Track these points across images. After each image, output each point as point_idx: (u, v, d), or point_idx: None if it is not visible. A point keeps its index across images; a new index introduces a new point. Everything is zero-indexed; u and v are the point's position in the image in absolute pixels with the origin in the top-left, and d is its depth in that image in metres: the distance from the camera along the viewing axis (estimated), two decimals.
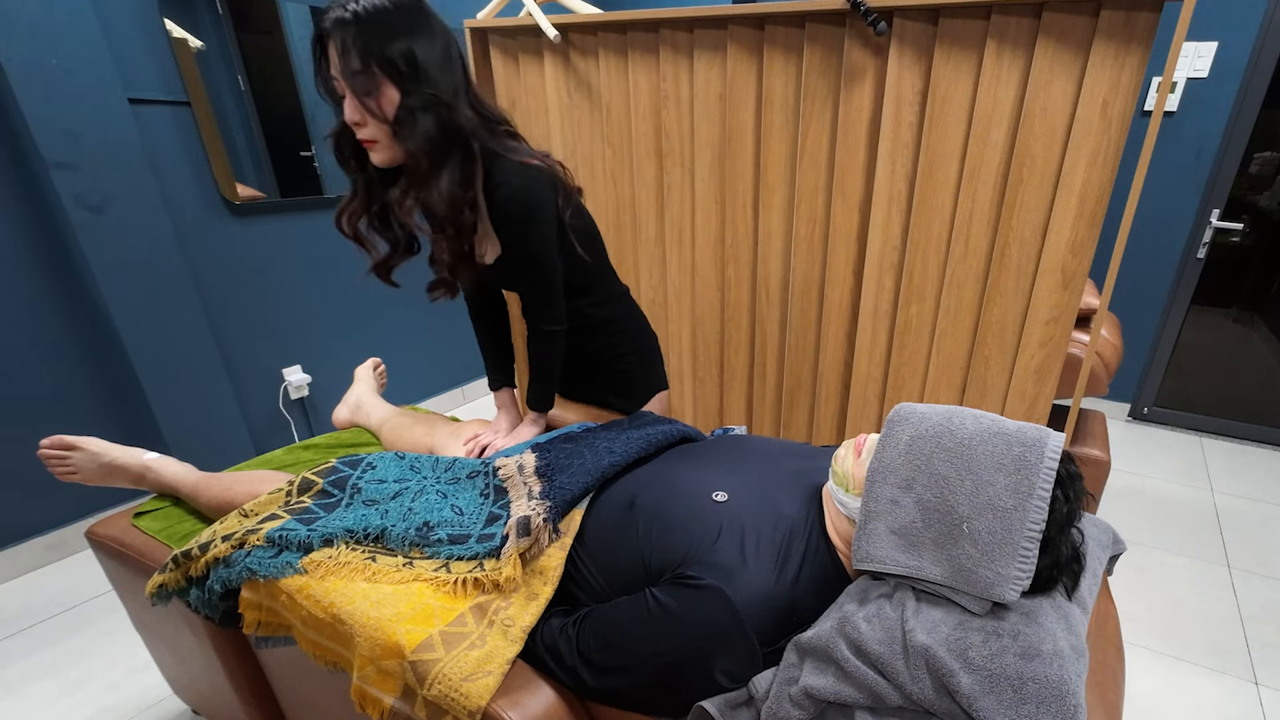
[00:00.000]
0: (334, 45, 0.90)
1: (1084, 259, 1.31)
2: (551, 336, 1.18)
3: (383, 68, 0.90)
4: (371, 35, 0.89)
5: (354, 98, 0.92)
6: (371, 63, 0.90)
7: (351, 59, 0.89)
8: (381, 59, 0.90)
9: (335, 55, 0.90)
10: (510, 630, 0.79)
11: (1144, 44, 1.14)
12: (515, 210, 1.04)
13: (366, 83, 0.91)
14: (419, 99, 0.93)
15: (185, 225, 1.98)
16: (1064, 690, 0.58)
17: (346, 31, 0.88)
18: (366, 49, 0.89)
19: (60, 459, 1.17)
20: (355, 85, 0.91)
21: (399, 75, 0.91)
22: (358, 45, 0.88)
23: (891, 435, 0.73)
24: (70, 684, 1.52)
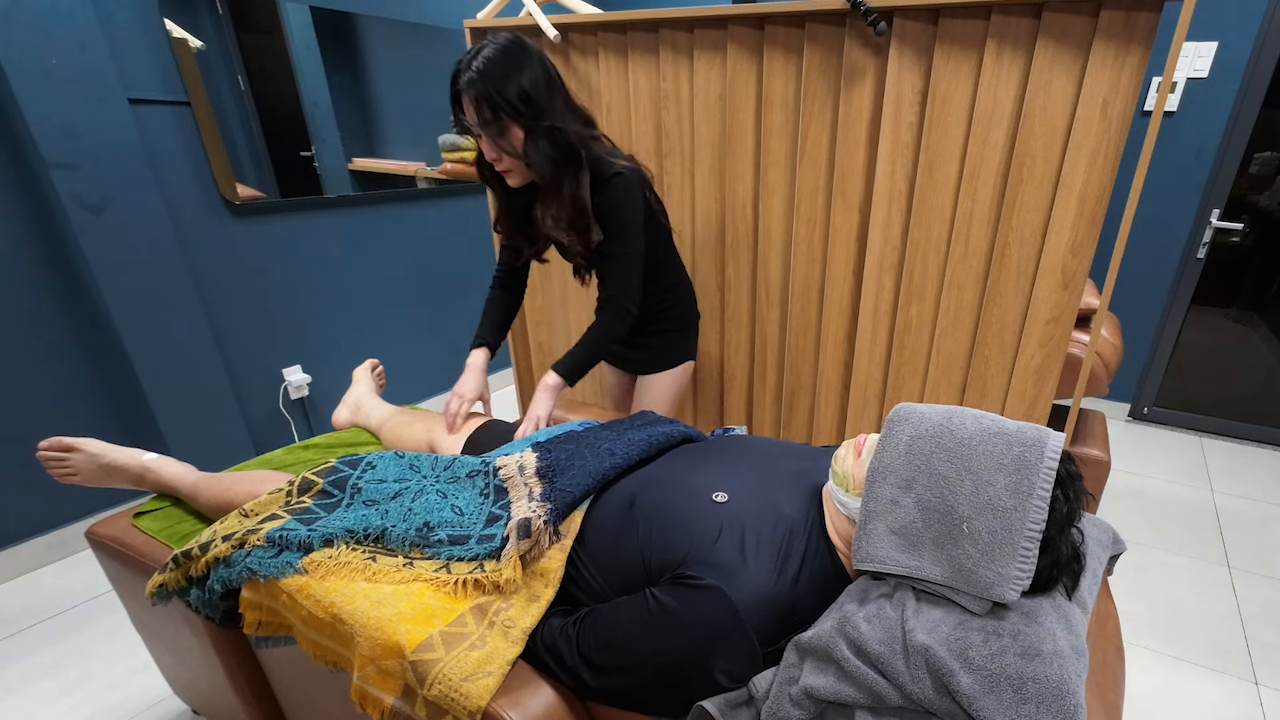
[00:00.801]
0: (468, 101, 1.11)
1: (1084, 259, 1.31)
2: (626, 314, 1.32)
3: (507, 114, 1.11)
4: (493, 87, 1.08)
5: (490, 141, 1.15)
6: (499, 112, 1.10)
7: (484, 112, 1.11)
8: (505, 106, 1.10)
9: (470, 109, 1.12)
10: (511, 631, 0.79)
11: (1144, 44, 1.14)
12: (620, 203, 1.24)
13: (498, 128, 1.13)
14: (539, 130, 1.14)
15: (185, 225, 1.98)
16: (1064, 690, 0.58)
17: (476, 89, 1.09)
18: (493, 102, 1.09)
19: (59, 460, 1.17)
20: (489, 131, 1.13)
21: (520, 115, 1.12)
22: (486, 99, 1.09)
23: (891, 435, 0.73)
24: (70, 684, 1.52)
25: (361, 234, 2.48)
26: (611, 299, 1.31)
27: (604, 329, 1.32)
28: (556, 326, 2.05)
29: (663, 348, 1.52)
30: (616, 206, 1.24)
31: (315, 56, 2.19)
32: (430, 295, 2.80)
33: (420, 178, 2.63)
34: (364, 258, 2.51)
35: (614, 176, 1.22)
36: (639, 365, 1.55)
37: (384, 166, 2.50)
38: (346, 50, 2.29)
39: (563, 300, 2.00)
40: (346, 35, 2.28)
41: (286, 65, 2.13)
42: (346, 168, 2.37)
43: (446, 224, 2.79)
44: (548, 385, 1.29)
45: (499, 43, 1.11)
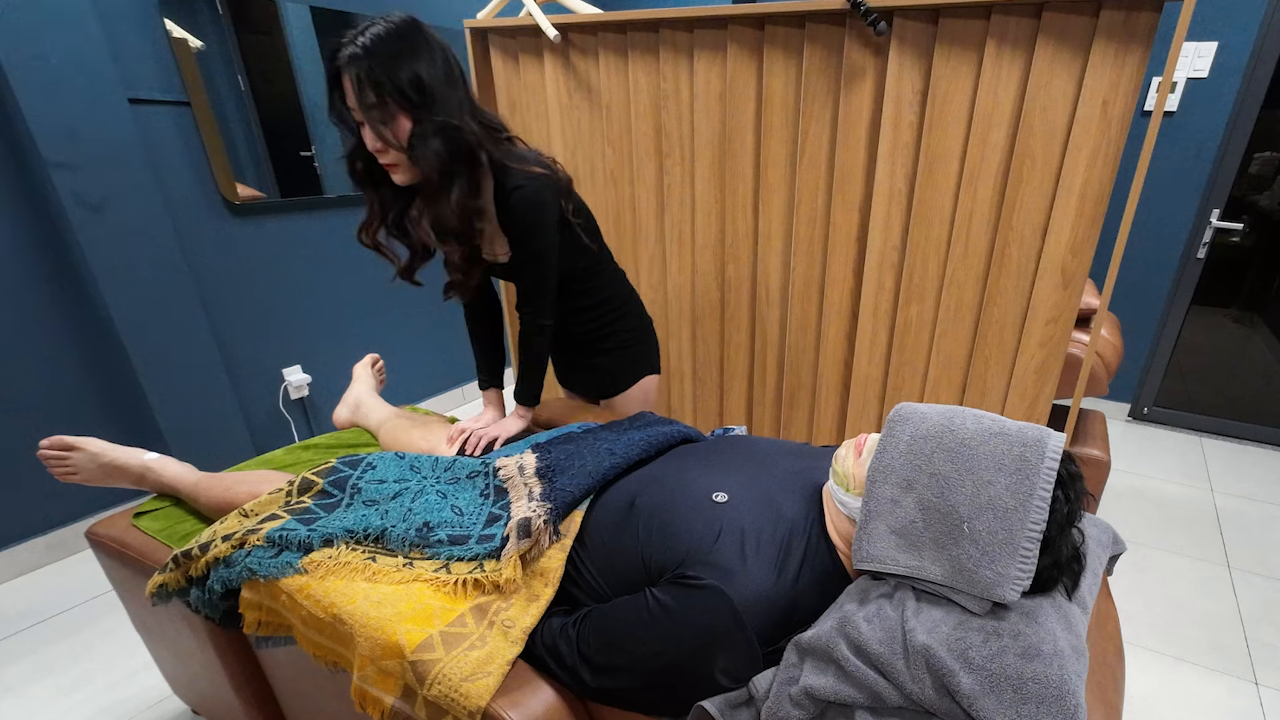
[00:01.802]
0: (348, 80, 0.97)
1: (1084, 259, 1.31)
2: (542, 330, 1.25)
3: (394, 99, 0.97)
4: (381, 67, 0.95)
5: (372, 128, 1.00)
6: (385, 95, 0.97)
7: (366, 93, 0.96)
8: (393, 90, 0.97)
9: (350, 89, 0.98)
10: (511, 631, 0.79)
11: (1144, 44, 1.14)
12: (525, 215, 1.13)
13: (382, 114, 0.99)
14: (430, 125, 1.00)
15: (185, 225, 1.98)
16: (1064, 690, 0.58)
17: (359, 66, 0.95)
18: (378, 82, 0.96)
19: (60, 459, 1.17)
20: (371, 117, 0.99)
21: (410, 104, 0.99)
22: (370, 79, 0.95)
23: (892, 435, 0.73)
24: (70, 684, 1.52)
25: None
26: (523, 316, 1.25)
27: (528, 347, 1.28)
28: None
29: (616, 367, 1.43)
30: (518, 220, 1.14)
31: (315, 56, 2.19)
32: (430, 295, 2.80)
33: None
34: (364, 258, 2.51)
35: (515, 189, 1.11)
36: (597, 390, 1.47)
37: None
38: None
39: None
40: None
41: (286, 65, 2.13)
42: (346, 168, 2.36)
43: None
44: (518, 414, 1.32)
45: (393, 21, 0.98)
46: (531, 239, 1.16)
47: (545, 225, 1.16)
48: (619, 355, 1.42)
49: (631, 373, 1.44)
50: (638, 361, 1.44)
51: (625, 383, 1.44)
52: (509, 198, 1.12)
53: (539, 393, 1.32)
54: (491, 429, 1.28)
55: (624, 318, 1.40)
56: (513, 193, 1.11)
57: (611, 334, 1.39)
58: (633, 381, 1.44)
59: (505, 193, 1.12)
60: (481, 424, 1.31)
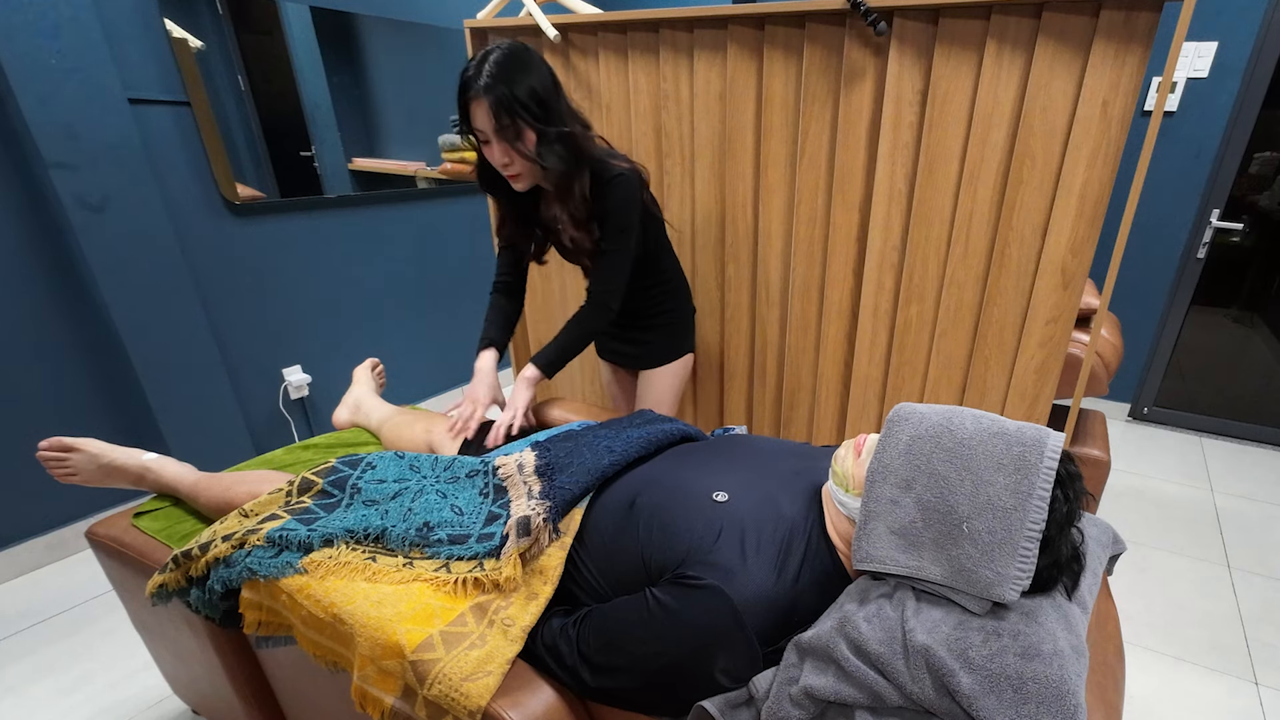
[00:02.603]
0: (482, 107, 1.10)
1: (1084, 259, 1.31)
2: (608, 312, 1.34)
3: (523, 117, 1.11)
4: (508, 90, 1.08)
5: (504, 145, 1.14)
6: (516, 117, 1.10)
7: (501, 118, 1.10)
8: (521, 109, 1.10)
9: (484, 115, 1.11)
10: (510, 630, 0.79)
11: (1144, 44, 1.14)
12: (622, 204, 1.27)
13: (514, 132, 1.12)
14: (552, 134, 1.15)
15: (185, 225, 1.98)
16: (1064, 690, 0.58)
17: (493, 95, 1.08)
18: (509, 107, 1.09)
19: (59, 460, 1.17)
20: (505, 137, 1.13)
21: (534, 118, 1.12)
22: (503, 104, 1.09)
23: (891, 435, 0.73)
24: (70, 684, 1.52)
25: (361, 234, 2.48)
26: (595, 295, 1.33)
27: (583, 323, 1.35)
28: (556, 325, 2.05)
29: (662, 341, 1.54)
30: (615, 207, 1.26)
31: (315, 56, 2.19)
32: (430, 295, 2.80)
33: (420, 178, 2.63)
34: (364, 258, 2.51)
35: (615, 178, 1.24)
36: (639, 360, 1.57)
37: (384, 166, 2.50)
38: (346, 50, 2.29)
39: (562, 300, 2.00)
40: (346, 35, 2.28)
41: (286, 65, 2.13)
42: (346, 168, 2.37)
43: (446, 224, 2.79)
44: (526, 378, 1.32)
45: (505, 48, 1.11)
46: (623, 225, 1.28)
47: (634, 213, 1.29)
48: (665, 331, 1.54)
49: (674, 349, 1.56)
50: (681, 340, 1.57)
51: (667, 357, 1.55)
52: (607, 186, 1.24)
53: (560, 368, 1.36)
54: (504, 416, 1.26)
55: (676, 298, 1.52)
56: (611, 181, 1.24)
57: (661, 312, 1.51)
58: (675, 357, 1.56)
59: (603, 182, 1.24)
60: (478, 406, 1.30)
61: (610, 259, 1.31)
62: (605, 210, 1.26)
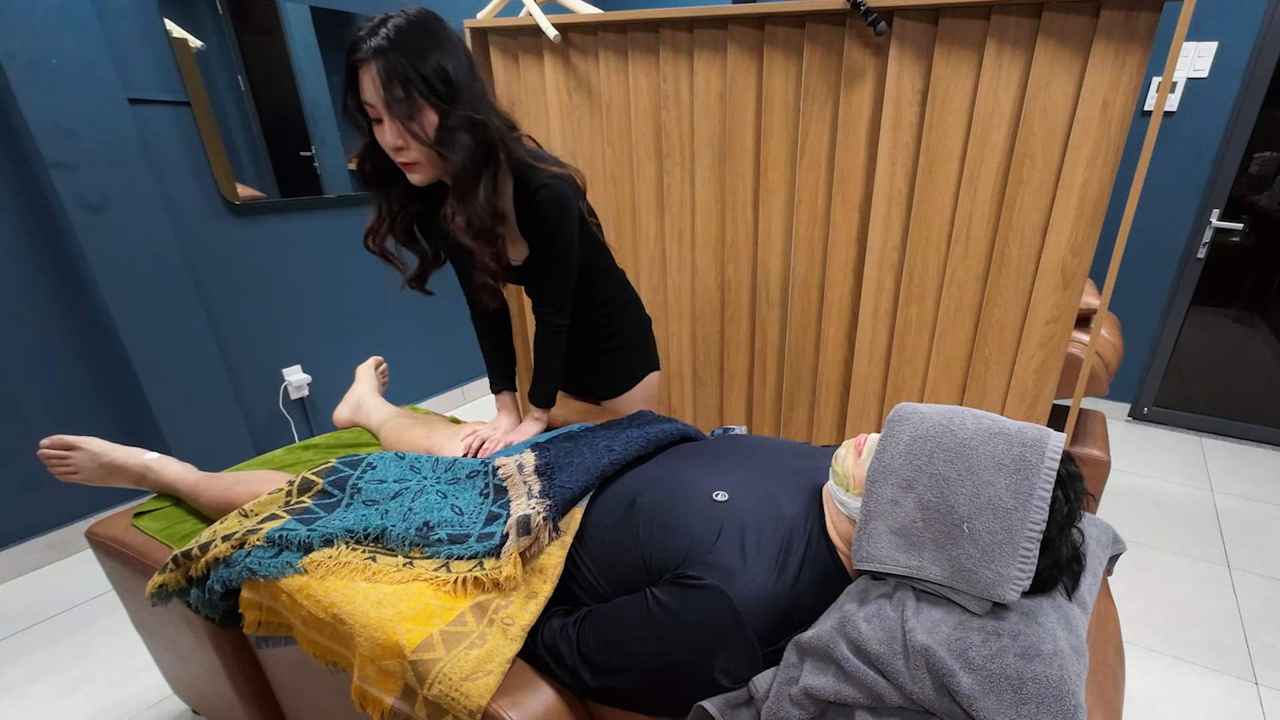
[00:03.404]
0: (370, 74, 0.92)
1: (1084, 259, 1.31)
2: (560, 330, 1.24)
3: (422, 91, 0.93)
4: (408, 59, 0.91)
5: (397, 123, 0.95)
6: (411, 88, 0.92)
7: (394, 87, 0.92)
8: (420, 82, 0.92)
9: (372, 83, 0.93)
10: (510, 629, 0.79)
11: (1144, 44, 1.14)
12: (551, 214, 1.11)
13: (408, 108, 0.94)
14: (457, 118, 0.96)
15: (185, 225, 1.98)
16: (1064, 690, 0.58)
17: (385, 59, 0.91)
18: (405, 75, 0.91)
19: (60, 459, 1.17)
20: (397, 111, 0.94)
21: (437, 96, 0.94)
22: (398, 72, 0.91)
23: (892, 435, 0.73)
24: (70, 684, 1.52)
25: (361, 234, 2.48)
26: (541, 316, 1.23)
27: (546, 349, 1.26)
28: None
29: (619, 366, 1.42)
30: (544, 220, 1.11)
31: (315, 56, 2.19)
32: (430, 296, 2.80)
33: None
34: (364, 258, 2.51)
35: (540, 188, 1.08)
36: (599, 390, 1.46)
37: None
38: None
39: None
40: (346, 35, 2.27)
41: (286, 65, 2.13)
42: (346, 168, 2.37)
43: None
44: (535, 419, 1.31)
45: (413, 14, 0.94)
46: (556, 239, 1.14)
47: (569, 225, 1.14)
48: (622, 354, 1.41)
49: (636, 370, 1.44)
50: (640, 359, 1.44)
51: (630, 381, 1.43)
52: (534, 196, 1.09)
53: (555, 394, 1.31)
54: (509, 436, 1.27)
55: (627, 315, 1.40)
56: (538, 191, 1.08)
57: (616, 332, 1.39)
58: (638, 379, 1.44)
59: (530, 192, 1.09)
60: (498, 431, 1.28)
61: (545, 278, 1.19)
62: (536, 222, 1.12)
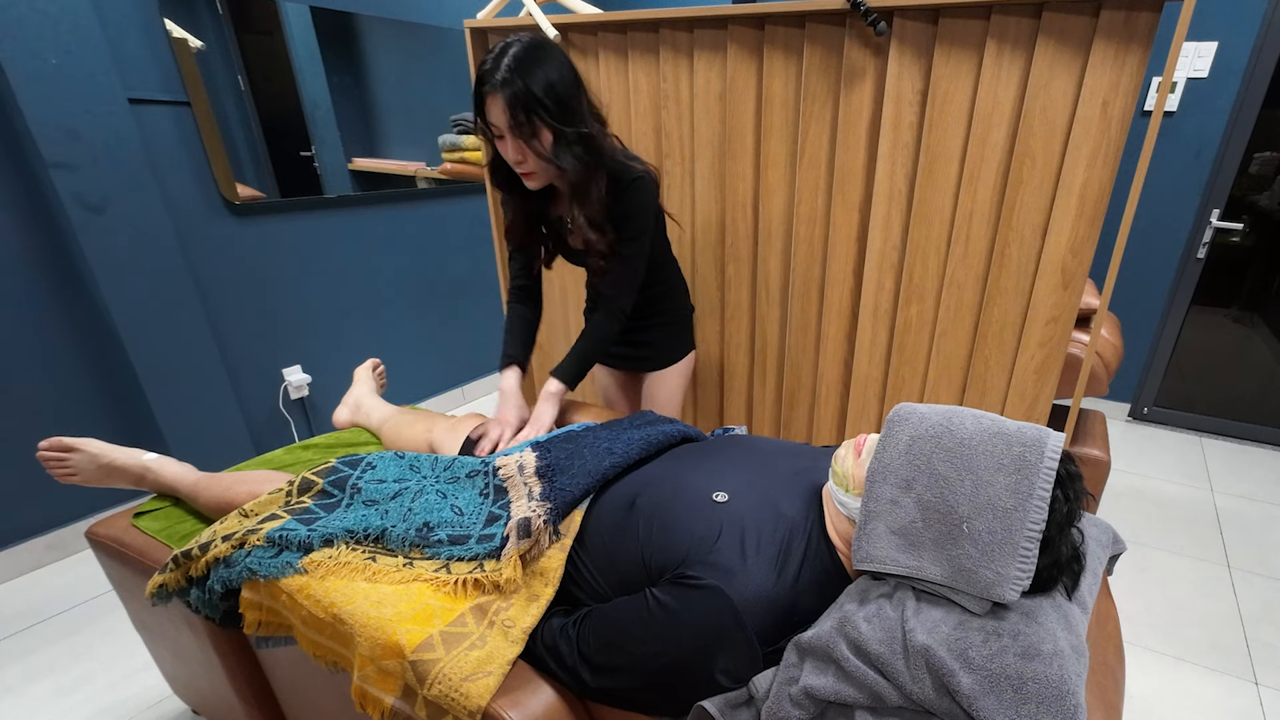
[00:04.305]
0: (497, 102, 1.06)
1: (1084, 259, 1.31)
2: (622, 319, 1.33)
3: (539, 115, 1.06)
4: (525, 86, 1.04)
5: (519, 143, 1.09)
6: (532, 114, 1.06)
7: (518, 114, 1.05)
8: (539, 108, 1.06)
9: (497, 109, 1.06)
10: (511, 631, 0.79)
11: (1144, 44, 1.14)
12: (642, 205, 1.24)
13: (531, 130, 1.07)
14: (570, 134, 1.10)
15: (185, 225, 1.98)
16: (1064, 690, 0.58)
17: (510, 90, 1.04)
18: (526, 103, 1.05)
19: (59, 460, 1.17)
20: (521, 134, 1.08)
21: (551, 117, 1.07)
22: (520, 101, 1.04)
23: (891, 435, 0.73)
24: (70, 684, 1.52)
25: (361, 234, 2.48)
26: (609, 301, 1.31)
27: (600, 331, 1.33)
28: (556, 326, 2.05)
29: (668, 341, 1.53)
30: (634, 210, 1.23)
31: (315, 56, 2.19)
32: (430, 295, 2.80)
33: (420, 178, 2.63)
34: (364, 258, 2.51)
35: (635, 180, 1.21)
36: (645, 363, 1.55)
37: (384, 166, 2.50)
38: (346, 50, 2.29)
39: (563, 300, 2.00)
40: (346, 35, 2.28)
41: (286, 65, 2.13)
42: (346, 168, 2.37)
43: (446, 224, 2.79)
44: (550, 393, 1.29)
45: (525, 42, 1.07)
46: (640, 229, 1.26)
47: (651, 217, 1.27)
48: (667, 331, 1.52)
49: (679, 348, 1.54)
50: (684, 338, 1.56)
51: (674, 357, 1.54)
52: (629, 188, 1.21)
53: (582, 379, 1.34)
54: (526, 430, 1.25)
55: (674, 297, 1.51)
56: (633, 183, 1.21)
57: (662, 311, 1.49)
58: (680, 356, 1.54)
59: (623, 185, 1.21)
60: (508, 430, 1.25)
61: (626, 263, 1.28)
62: (624, 213, 1.23)
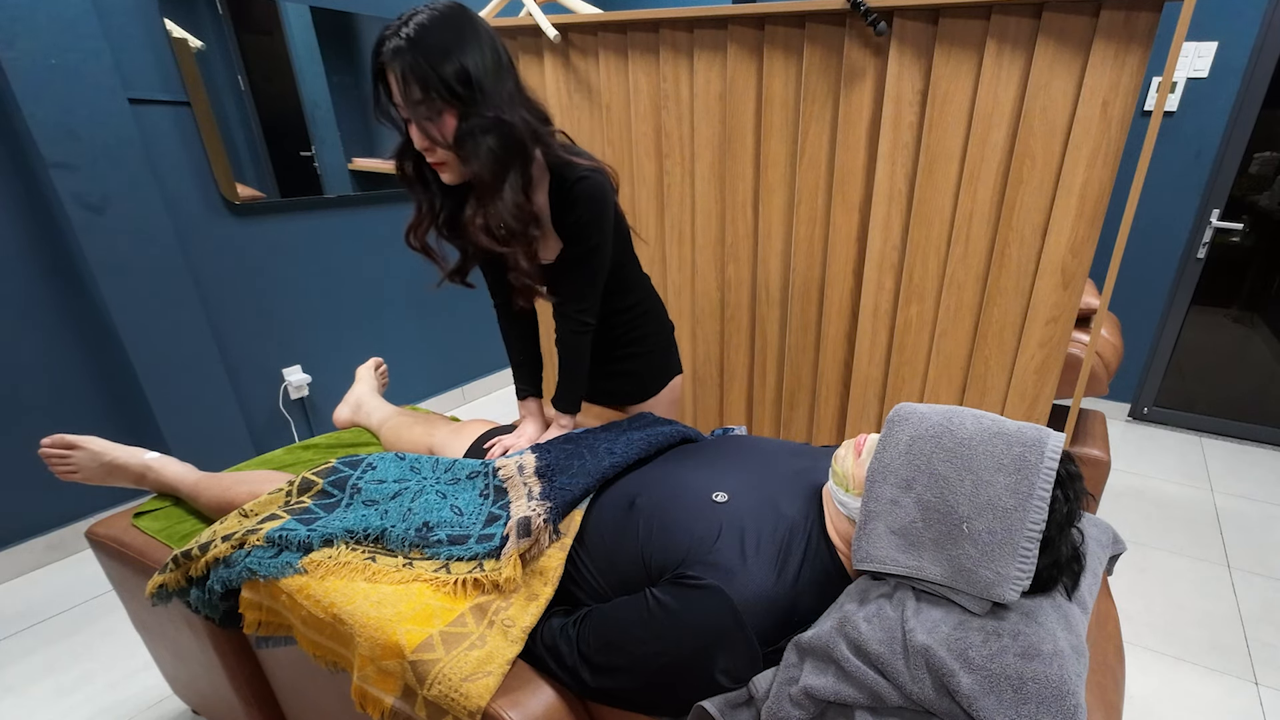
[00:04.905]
0: (393, 75, 0.91)
1: (1084, 259, 1.31)
2: (587, 330, 1.20)
3: (440, 94, 0.91)
4: (427, 60, 0.89)
5: (418, 126, 0.95)
6: (430, 91, 0.90)
7: (412, 89, 0.90)
8: (439, 84, 0.90)
9: (395, 85, 0.91)
10: (510, 631, 0.79)
11: (1144, 44, 1.14)
12: (590, 207, 1.08)
13: (428, 110, 0.93)
14: (478, 121, 0.94)
15: (185, 225, 1.98)
16: (1064, 690, 0.58)
17: (403, 60, 0.89)
18: (424, 77, 0.89)
19: (61, 458, 1.17)
20: (418, 114, 0.93)
21: (456, 99, 0.92)
22: (416, 73, 0.89)
23: (891, 435, 0.73)
24: (70, 684, 1.52)
25: (361, 234, 2.48)
26: (567, 312, 1.18)
27: (571, 349, 1.21)
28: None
29: (646, 371, 1.37)
30: (582, 212, 1.08)
31: (315, 56, 2.19)
32: (430, 295, 2.80)
33: None
34: (364, 258, 2.51)
35: (579, 180, 1.06)
36: (625, 398, 1.39)
37: (384, 166, 2.50)
38: (346, 50, 2.29)
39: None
40: (346, 35, 2.28)
41: (286, 65, 2.13)
42: (346, 168, 2.37)
43: None
44: (562, 425, 1.24)
45: (438, 9, 0.91)
46: (593, 233, 1.11)
47: (606, 219, 1.11)
48: (647, 359, 1.36)
49: (663, 375, 1.39)
50: (666, 365, 1.40)
51: (656, 386, 1.38)
52: (572, 189, 1.06)
53: (581, 399, 1.26)
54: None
55: (653, 320, 1.36)
56: (577, 184, 1.06)
57: (641, 338, 1.34)
58: (663, 384, 1.39)
59: (568, 185, 1.07)
60: (523, 439, 1.21)
61: (578, 270, 1.14)
62: (573, 216, 1.09)
